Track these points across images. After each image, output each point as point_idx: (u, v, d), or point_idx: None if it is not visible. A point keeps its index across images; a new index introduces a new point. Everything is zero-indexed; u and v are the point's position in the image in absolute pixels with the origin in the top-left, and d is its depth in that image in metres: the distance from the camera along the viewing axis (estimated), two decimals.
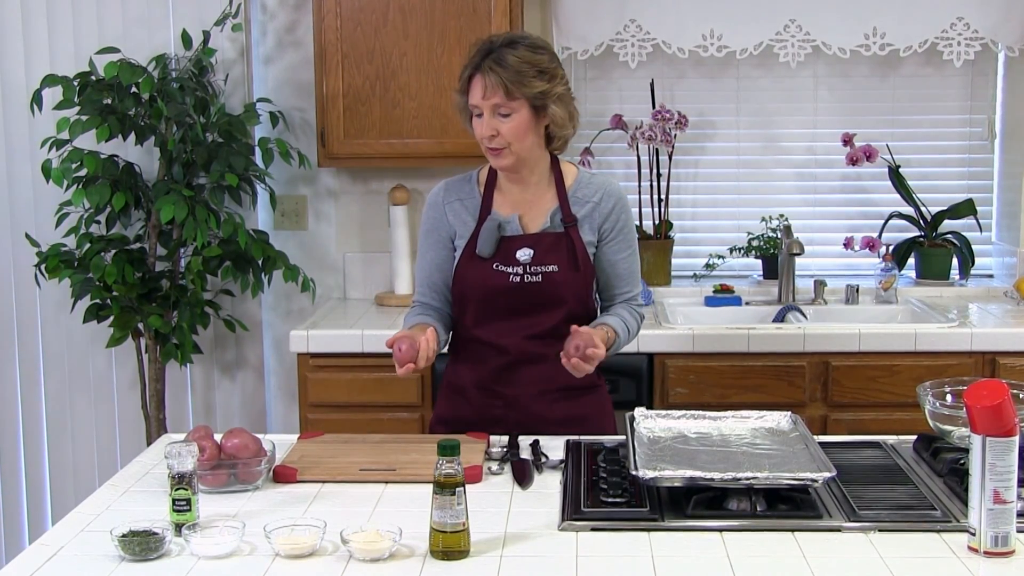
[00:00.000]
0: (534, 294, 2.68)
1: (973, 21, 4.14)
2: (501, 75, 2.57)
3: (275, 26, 4.23)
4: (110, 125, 3.76)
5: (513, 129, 2.61)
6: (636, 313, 2.81)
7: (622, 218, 2.75)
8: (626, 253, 2.77)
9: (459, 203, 2.77)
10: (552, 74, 2.63)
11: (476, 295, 2.72)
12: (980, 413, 1.91)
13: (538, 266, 2.68)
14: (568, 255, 2.69)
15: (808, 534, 2.02)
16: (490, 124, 2.61)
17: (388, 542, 1.93)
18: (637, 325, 2.82)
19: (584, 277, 2.71)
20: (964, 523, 2.01)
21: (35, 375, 4.35)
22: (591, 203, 2.73)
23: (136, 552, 1.94)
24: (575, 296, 2.71)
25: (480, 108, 2.62)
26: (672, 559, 1.93)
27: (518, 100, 2.59)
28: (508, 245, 2.70)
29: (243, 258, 3.96)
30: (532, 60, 2.60)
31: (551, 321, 2.69)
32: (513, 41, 2.62)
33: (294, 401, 4.15)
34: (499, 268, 2.69)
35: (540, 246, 2.69)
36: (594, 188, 2.75)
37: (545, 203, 2.74)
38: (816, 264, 4.40)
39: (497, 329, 2.71)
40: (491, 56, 2.59)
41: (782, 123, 4.40)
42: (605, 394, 2.87)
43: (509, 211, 2.74)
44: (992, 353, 3.61)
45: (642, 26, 4.21)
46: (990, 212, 4.41)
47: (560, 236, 2.71)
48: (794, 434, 2.40)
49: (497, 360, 2.73)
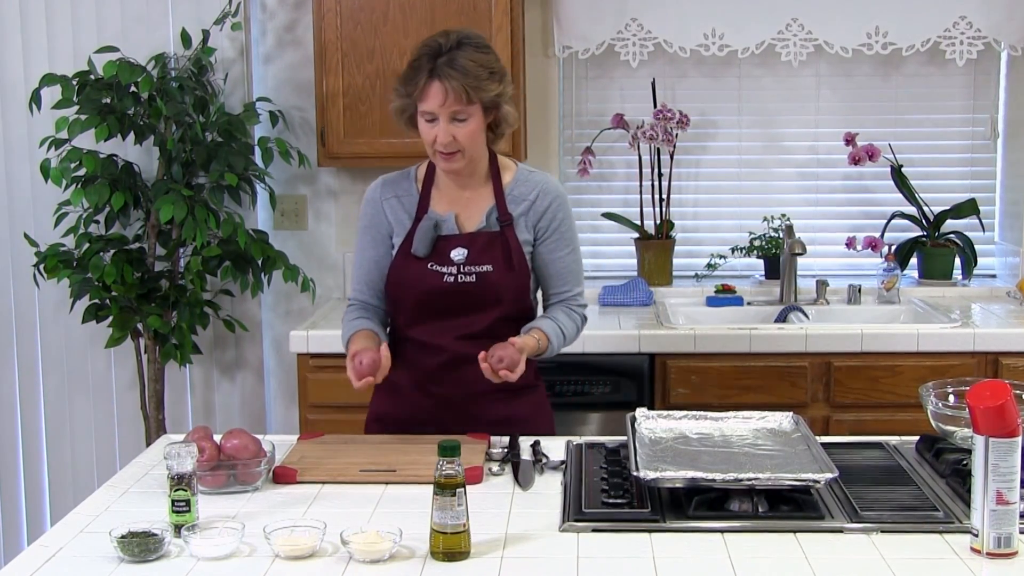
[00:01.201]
0: (468, 294, 2.66)
1: (976, 20, 4.13)
2: (460, 81, 2.53)
3: (275, 25, 4.22)
4: (109, 124, 3.75)
5: (469, 134, 2.59)
6: (575, 314, 2.77)
7: (559, 216, 2.72)
8: (563, 252, 2.74)
9: (396, 200, 2.74)
10: (502, 73, 2.62)
11: (410, 295, 2.69)
12: (983, 414, 1.91)
13: (472, 266, 2.66)
14: (503, 255, 2.67)
15: (810, 535, 2.02)
16: (448, 131, 2.57)
17: (388, 543, 1.93)
18: (576, 327, 2.78)
19: (519, 277, 2.69)
20: (967, 524, 2.01)
21: (34, 375, 4.34)
22: (527, 201, 2.71)
23: (135, 553, 1.94)
24: (510, 296, 2.69)
25: (436, 114, 2.57)
26: (673, 560, 1.92)
27: (475, 104, 2.57)
28: (443, 245, 2.67)
29: (243, 258, 3.95)
30: (483, 61, 2.57)
31: (486, 321, 2.67)
32: (460, 42, 2.57)
33: (294, 402, 4.15)
34: (434, 268, 2.66)
35: (474, 246, 2.67)
36: (531, 186, 2.73)
37: (482, 201, 2.72)
38: (818, 264, 4.39)
39: (431, 329, 2.69)
40: (443, 59, 2.55)
41: (784, 122, 4.39)
42: (543, 394, 2.85)
43: (446, 209, 2.71)
44: (995, 353, 3.60)
45: (643, 25, 4.20)
46: (993, 212, 4.40)
47: (495, 235, 2.68)
48: (796, 435, 2.39)
49: (432, 360, 2.70)
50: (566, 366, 3.58)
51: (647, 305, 4.06)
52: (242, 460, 2.29)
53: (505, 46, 3.83)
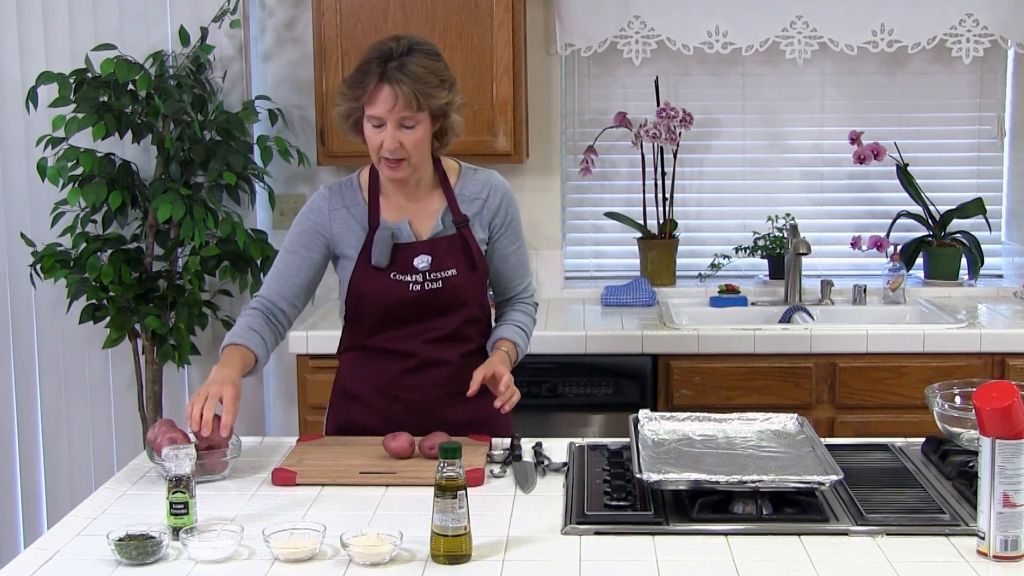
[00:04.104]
0: (435, 300, 2.65)
1: (982, 17, 4.12)
2: (411, 86, 2.50)
3: (274, 23, 4.21)
4: (106, 123, 3.75)
5: (416, 141, 2.56)
6: (528, 307, 2.81)
7: (510, 212, 2.74)
8: (516, 246, 2.76)
9: (345, 210, 2.69)
10: (451, 81, 2.59)
11: (375, 306, 2.67)
12: (989, 415, 1.90)
13: (437, 272, 2.64)
14: (465, 256, 2.67)
15: (815, 538, 2.02)
16: (395, 137, 2.54)
17: (389, 546, 1.93)
18: (532, 320, 2.82)
19: (481, 277, 2.71)
20: (973, 527, 2.00)
21: (30, 376, 4.33)
22: (479, 200, 2.70)
23: (133, 556, 1.94)
24: (474, 297, 2.70)
25: (383, 119, 2.53)
26: (677, 563, 1.92)
27: (423, 111, 2.54)
28: (404, 253, 2.64)
29: (241, 258, 3.94)
30: (433, 68, 2.54)
31: (452, 324, 2.67)
32: (410, 48, 2.53)
33: (293, 403, 4.13)
34: (397, 278, 2.64)
35: (436, 251, 2.65)
36: (479, 184, 2.72)
37: (433, 204, 2.69)
38: (823, 264, 4.38)
39: (397, 335, 2.67)
40: (393, 64, 2.51)
41: (788, 121, 4.38)
42: None
43: (397, 216, 2.67)
44: (1002, 354, 3.59)
45: (646, 23, 4.19)
46: (1000, 211, 4.39)
47: (455, 238, 2.67)
48: (800, 436, 2.39)
49: (398, 366, 2.68)
50: (568, 367, 3.58)
51: (650, 305, 4.04)
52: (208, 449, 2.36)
53: (507, 44, 3.82)
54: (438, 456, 1.94)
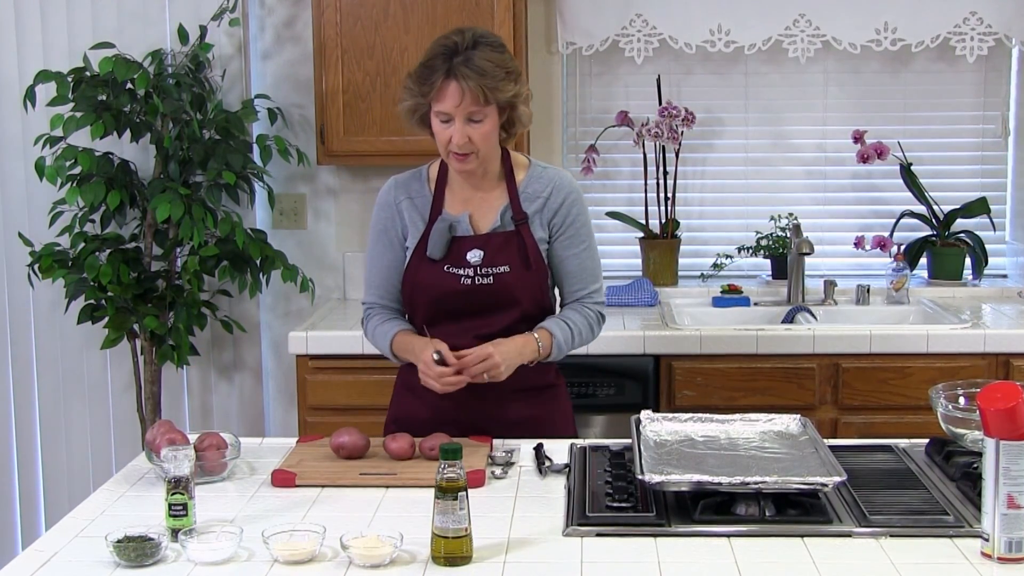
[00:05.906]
0: (485, 296, 2.64)
1: (986, 16, 4.11)
2: (477, 81, 2.51)
3: (273, 21, 4.20)
4: (105, 122, 3.74)
5: (484, 135, 2.57)
6: (590, 313, 2.74)
7: (572, 212, 2.70)
8: (577, 249, 2.71)
9: (409, 201, 2.72)
10: (517, 73, 2.60)
11: (427, 298, 2.68)
12: (993, 416, 1.90)
13: (489, 267, 2.64)
14: (519, 254, 2.65)
15: (818, 539, 2.02)
16: (463, 131, 2.55)
17: (389, 548, 1.93)
18: (590, 325, 2.74)
19: (537, 276, 2.67)
20: (977, 528, 2.00)
21: (28, 377, 4.32)
22: (541, 198, 2.69)
23: (132, 558, 1.94)
24: (528, 296, 2.67)
25: (451, 115, 2.55)
26: (679, 565, 1.92)
27: (491, 105, 2.55)
28: (458, 246, 2.65)
29: (241, 258, 3.93)
30: (499, 61, 2.55)
31: (504, 322, 2.66)
32: (475, 41, 2.54)
33: (293, 404, 4.12)
34: (450, 270, 2.65)
35: (490, 247, 2.65)
36: (544, 182, 2.70)
37: (496, 200, 2.70)
38: (826, 264, 4.36)
39: (448, 330, 2.65)
40: (459, 59, 2.52)
41: (791, 120, 4.37)
42: (563, 394, 2.84)
43: (460, 209, 2.69)
44: (1006, 355, 3.58)
45: (648, 21, 4.18)
46: (1004, 211, 4.37)
47: (511, 235, 2.67)
48: (803, 437, 2.39)
49: None
50: (570, 368, 3.54)
51: (652, 305, 4.03)
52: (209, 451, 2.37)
53: (507, 42, 3.76)
54: (439, 457, 1.93)
